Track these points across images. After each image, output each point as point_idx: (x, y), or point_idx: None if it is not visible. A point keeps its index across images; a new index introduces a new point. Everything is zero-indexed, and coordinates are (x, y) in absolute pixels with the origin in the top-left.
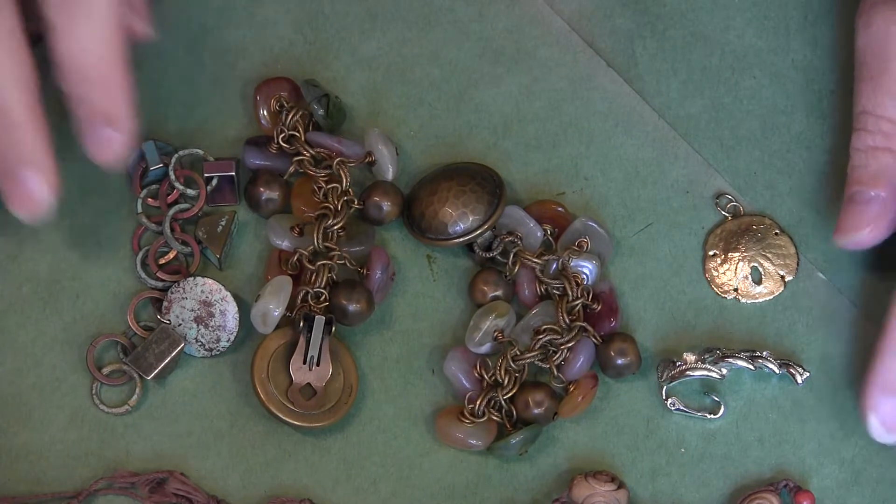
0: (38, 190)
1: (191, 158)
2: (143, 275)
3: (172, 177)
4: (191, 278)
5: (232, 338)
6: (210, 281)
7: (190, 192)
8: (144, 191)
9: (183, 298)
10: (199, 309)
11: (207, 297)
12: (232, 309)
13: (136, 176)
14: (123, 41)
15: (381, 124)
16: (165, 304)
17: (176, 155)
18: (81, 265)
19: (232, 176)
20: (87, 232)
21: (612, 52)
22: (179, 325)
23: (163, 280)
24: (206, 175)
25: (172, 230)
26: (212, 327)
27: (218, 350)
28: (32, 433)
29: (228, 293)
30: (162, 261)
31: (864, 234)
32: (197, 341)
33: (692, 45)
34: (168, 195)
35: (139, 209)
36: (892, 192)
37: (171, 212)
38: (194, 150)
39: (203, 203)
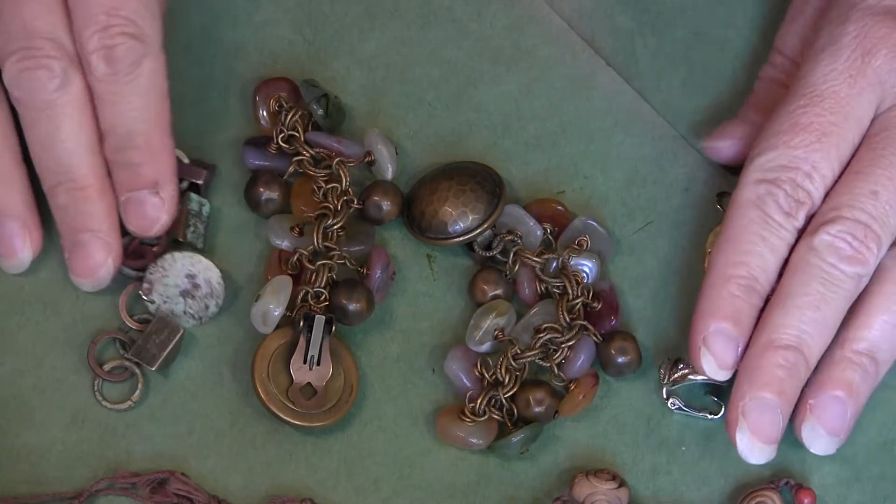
0: (99, 258)
1: None
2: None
3: None
4: (168, 255)
5: (220, 301)
6: (186, 253)
7: None
8: None
9: (164, 276)
10: (184, 283)
11: (189, 270)
12: (215, 275)
13: None
14: (169, 110)
15: (381, 124)
16: (146, 285)
17: None
18: None
19: (198, 184)
20: None
21: (612, 50)
22: (165, 302)
23: (130, 267)
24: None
25: None
26: (199, 297)
27: (207, 317)
28: (33, 434)
29: (208, 261)
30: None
31: (725, 145)
32: (186, 313)
33: (693, 43)
34: None
35: None
36: None
37: None
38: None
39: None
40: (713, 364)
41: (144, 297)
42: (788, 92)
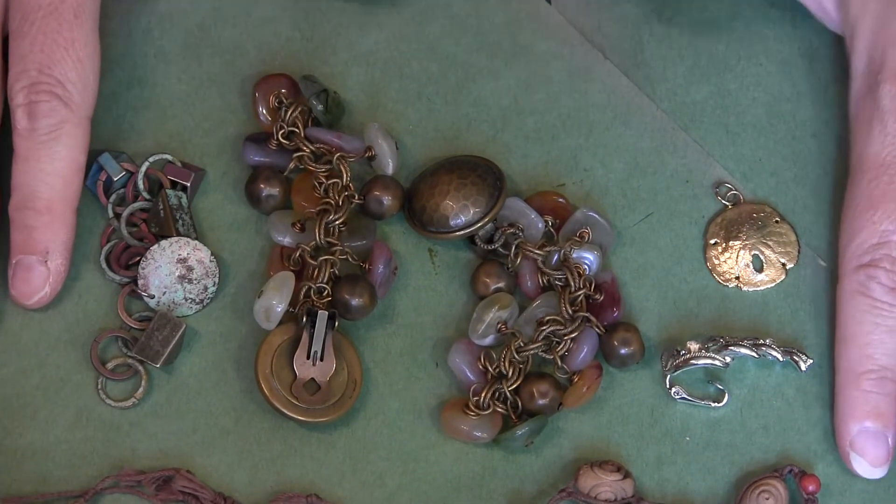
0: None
1: (162, 163)
2: (109, 272)
3: (141, 185)
4: (155, 245)
5: (216, 280)
6: (174, 239)
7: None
8: (114, 196)
9: (158, 267)
10: (178, 268)
11: (179, 254)
12: (206, 254)
13: (98, 189)
14: (81, 183)
15: (380, 119)
16: (141, 281)
17: (147, 161)
18: (83, 265)
19: (186, 186)
20: (88, 233)
21: (618, 38)
22: (164, 293)
23: (119, 273)
24: (169, 178)
25: (136, 226)
26: (195, 280)
27: (207, 298)
28: (38, 433)
29: (196, 241)
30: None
31: None
32: (186, 300)
33: (699, 32)
34: (135, 198)
35: (110, 214)
36: None
37: (127, 211)
38: (163, 155)
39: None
40: (866, 465)
41: (143, 294)
42: (852, 172)
